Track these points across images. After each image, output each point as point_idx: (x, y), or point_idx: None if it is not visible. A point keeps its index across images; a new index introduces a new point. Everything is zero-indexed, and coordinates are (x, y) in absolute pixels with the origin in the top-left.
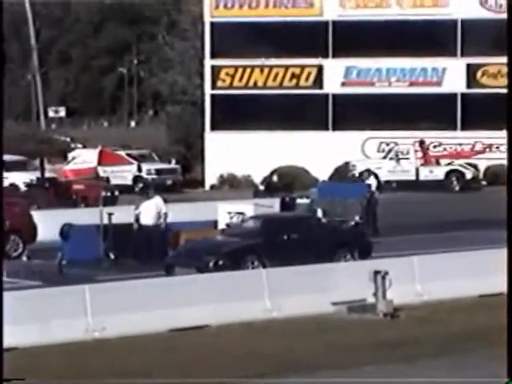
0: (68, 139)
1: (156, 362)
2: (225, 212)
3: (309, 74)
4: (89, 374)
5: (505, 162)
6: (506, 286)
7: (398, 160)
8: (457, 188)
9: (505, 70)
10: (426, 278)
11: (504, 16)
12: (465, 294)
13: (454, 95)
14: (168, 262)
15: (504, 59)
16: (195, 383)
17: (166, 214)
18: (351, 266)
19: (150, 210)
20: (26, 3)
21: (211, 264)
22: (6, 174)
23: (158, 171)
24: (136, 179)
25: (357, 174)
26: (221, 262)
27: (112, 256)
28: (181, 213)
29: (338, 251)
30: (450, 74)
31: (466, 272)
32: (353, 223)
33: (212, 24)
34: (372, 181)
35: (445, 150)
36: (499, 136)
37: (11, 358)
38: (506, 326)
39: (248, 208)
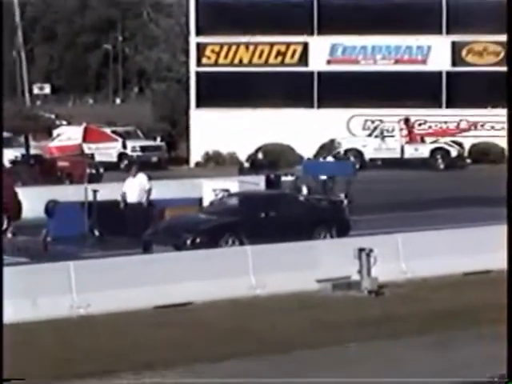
0: (53, 116)
1: (141, 339)
2: (210, 189)
3: (294, 51)
4: (75, 351)
5: (489, 139)
6: (497, 263)
7: (383, 138)
8: (442, 166)
9: (490, 48)
10: (410, 256)
11: None
12: (449, 272)
13: (439, 73)
14: (145, 239)
15: (489, 37)
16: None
17: (149, 191)
18: (335, 243)
19: (133, 188)
20: None
21: (189, 242)
22: None
23: (143, 148)
24: (121, 156)
25: (342, 152)
26: (198, 240)
27: (97, 233)
28: (166, 190)
29: (315, 229)
30: (435, 52)
31: (451, 250)
32: (332, 201)
33: (197, 1)
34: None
35: (430, 127)
36: (484, 114)
37: None
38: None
39: (233, 185)
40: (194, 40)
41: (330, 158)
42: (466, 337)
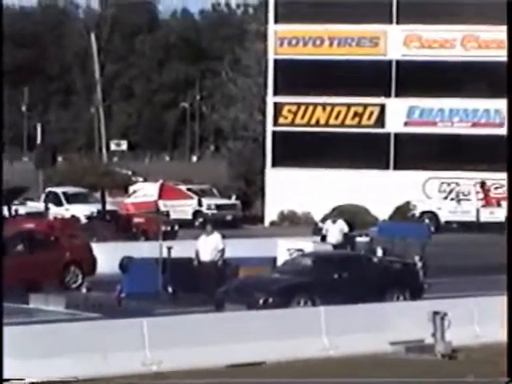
0: (129, 172)
1: None
2: (284, 249)
3: (371, 112)
4: None
5: None
6: None
7: (459, 201)
8: None
9: None
10: (484, 320)
11: None
12: None
13: None
14: (218, 298)
15: None
16: None
17: (223, 251)
18: (409, 306)
19: (207, 246)
20: (91, 37)
21: (261, 301)
22: (67, 206)
23: (218, 206)
24: (196, 214)
25: (417, 214)
26: (270, 300)
27: (170, 290)
28: (240, 249)
29: (388, 291)
30: None
31: None
32: (405, 263)
33: (275, 61)
34: (333, 229)
35: (506, 191)
36: None
37: None
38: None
39: (307, 245)
40: (271, 99)
41: (332, 228)
42: None
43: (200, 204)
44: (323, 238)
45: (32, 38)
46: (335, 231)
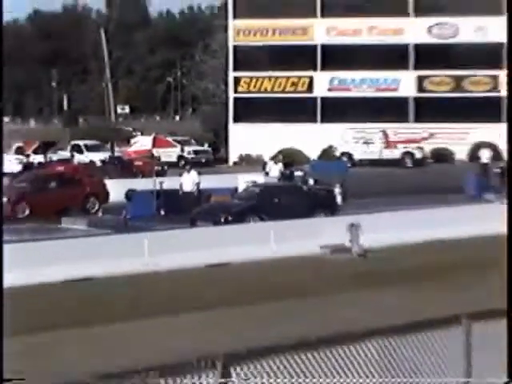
0: (131, 129)
1: (200, 289)
2: (242, 181)
3: (304, 82)
4: (146, 297)
5: (444, 146)
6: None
7: (367, 144)
8: (409, 165)
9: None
10: (387, 229)
11: None
12: (419, 240)
13: (406, 98)
14: (192, 217)
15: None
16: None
17: (198, 184)
18: (331, 220)
19: (187, 181)
20: (101, 32)
21: (223, 219)
22: (86, 154)
23: (196, 152)
24: (179, 158)
25: (338, 154)
26: (230, 218)
27: (162, 212)
28: (211, 182)
29: (314, 210)
30: (403, 82)
31: (421, 224)
32: (328, 190)
33: (234, 47)
34: (274, 167)
35: (401, 137)
36: (438, 127)
37: (87, 286)
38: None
39: (259, 178)
40: (231, 74)
41: (271, 167)
42: (428, 286)
43: (182, 150)
44: (266, 174)
45: (58, 33)
46: (276, 169)
